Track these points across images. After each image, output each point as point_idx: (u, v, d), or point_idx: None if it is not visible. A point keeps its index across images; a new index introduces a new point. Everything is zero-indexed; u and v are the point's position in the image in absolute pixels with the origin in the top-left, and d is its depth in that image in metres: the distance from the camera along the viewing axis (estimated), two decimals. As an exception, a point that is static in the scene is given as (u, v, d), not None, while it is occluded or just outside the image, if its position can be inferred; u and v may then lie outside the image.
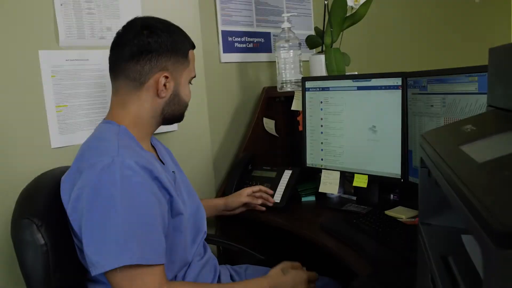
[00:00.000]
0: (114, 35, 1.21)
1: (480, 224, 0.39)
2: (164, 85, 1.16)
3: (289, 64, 1.88)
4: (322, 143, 1.75)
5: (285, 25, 1.87)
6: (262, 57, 2.12)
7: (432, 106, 1.40)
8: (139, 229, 0.99)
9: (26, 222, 1.05)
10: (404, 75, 1.50)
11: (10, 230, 1.11)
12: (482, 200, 0.40)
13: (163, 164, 1.25)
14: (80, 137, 1.50)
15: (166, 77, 1.15)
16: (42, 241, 1.04)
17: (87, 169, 1.02)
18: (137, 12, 1.63)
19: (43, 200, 1.12)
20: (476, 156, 0.54)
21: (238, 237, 1.83)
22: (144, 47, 1.13)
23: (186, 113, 1.29)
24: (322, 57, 1.87)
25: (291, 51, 1.87)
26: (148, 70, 1.14)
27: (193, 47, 1.24)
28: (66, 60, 1.48)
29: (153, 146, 1.30)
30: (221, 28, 1.95)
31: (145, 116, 1.17)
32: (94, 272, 0.97)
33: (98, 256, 0.97)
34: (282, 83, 1.91)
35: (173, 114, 1.21)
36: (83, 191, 1.01)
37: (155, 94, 1.16)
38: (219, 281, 1.33)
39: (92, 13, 1.52)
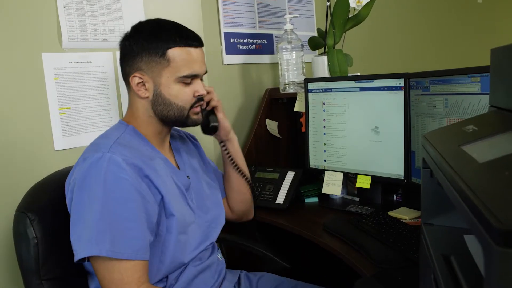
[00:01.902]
0: (117, 37, 1.22)
1: (481, 223, 0.39)
2: (144, 85, 1.17)
3: (291, 65, 1.88)
4: (325, 144, 1.76)
5: (288, 26, 1.87)
6: (265, 58, 2.12)
7: (434, 106, 1.39)
8: (115, 223, 1.03)
9: (21, 216, 1.11)
10: (406, 76, 1.50)
11: None
12: (483, 199, 0.40)
13: (178, 168, 1.28)
14: (83, 139, 1.51)
15: (140, 78, 1.16)
16: (33, 235, 1.09)
17: (80, 163, 1.09)
18: (140, 14, 1.63)
19: (41, 197, 1.18)
20: (477, 156, 0.54)
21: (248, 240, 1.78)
22: (122, 50, 1.21)
23: None
24: (324, 58, 1.87)
25: (294, 52, 1.87)
26: (128, 72, 1.19)
27: (179, 45, 1.17)
28: (69, 62, 1.49)
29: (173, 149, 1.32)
30: (223, 30, 1.96)
31: (142, 116, 1.21)
32: (75, 259, 1.03)
33: (76, 244, 1.03)
34: (284, 84, 1.91)
35: (164, 115, 1.19)
36: (74, 183, 1.07)
37: (137, 94, 1.19)
38: (220, 286, 1.30)
39: (95, 16, 1.53)
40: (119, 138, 1.13)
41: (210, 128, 1.31)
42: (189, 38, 1.19)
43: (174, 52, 1.16)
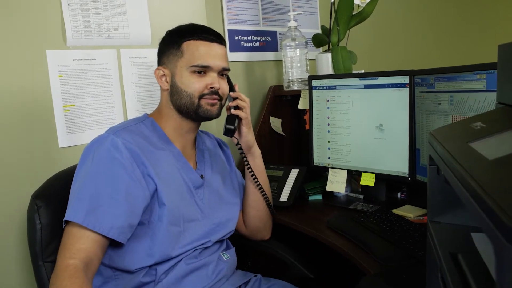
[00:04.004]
0: (121, 34, 1.23)
1: (493, 222, 0.39)
2: (165, 77, 1.26)
3: (295, 62, 1.87)
4: (329, 141, 1.75)
5: (292, 23, 1.86)
6: (269, 56, 2.12)
7: (439, 104, 1.39)
8: (95, 196, 1.07)
9: (31, 202, 1.19)
10: (411, 73, 1.49)
11: None
12: (494, 197, 0.40)
13: (196, 166, 1.32)
14: (87, 136, 1.51)
15: (162, 71, 1.26)
16: (38, 220, 1.17)
17: (91, 140, 1.17)
18: (144, 11, 1.63)
19: (51, 186, 1.24)
20: (486, 153, 0.53)
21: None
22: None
23: None
24: (328, 55, 1.86)
25: (298, 49, 1.86)
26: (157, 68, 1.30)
27: (194, 38, 1.25)
28: (73, 59, 1.49)
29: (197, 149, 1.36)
30: (227, 27, 1.95)
31: (164, 108, 1.28)
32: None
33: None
34: (288, 82, 1.91)
35: (178, 105, 1.25)
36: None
37: (161, 87, 1.29)
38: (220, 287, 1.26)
39: (99, 13, 1.53)
40: (131, 126, 1.21)
41: (226, 129, 1.33)
42: (204, 33, 1.26)
43: (188, 44, 1.25)
